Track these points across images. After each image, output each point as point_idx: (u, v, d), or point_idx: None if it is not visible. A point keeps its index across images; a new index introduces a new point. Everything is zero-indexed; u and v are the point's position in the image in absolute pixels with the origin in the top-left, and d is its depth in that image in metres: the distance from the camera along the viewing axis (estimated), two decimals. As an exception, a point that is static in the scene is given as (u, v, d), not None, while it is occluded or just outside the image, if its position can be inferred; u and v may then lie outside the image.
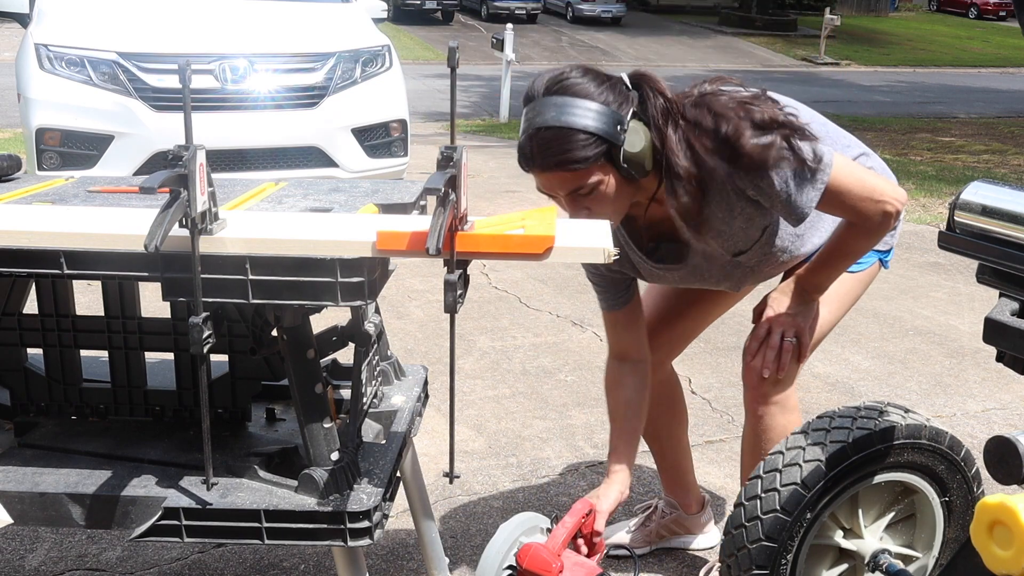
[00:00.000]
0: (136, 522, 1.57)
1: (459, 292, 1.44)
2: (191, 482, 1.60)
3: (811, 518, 1.70)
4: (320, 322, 1.71)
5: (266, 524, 1.53)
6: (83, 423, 1.83)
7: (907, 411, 1.78)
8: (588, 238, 1.53)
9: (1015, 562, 1.16)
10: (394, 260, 1.56)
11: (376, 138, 5.40)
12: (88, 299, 3.62)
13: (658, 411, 2.31)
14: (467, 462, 2.90)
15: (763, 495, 1.71)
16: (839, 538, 1.79)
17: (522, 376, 3.58)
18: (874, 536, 1.81)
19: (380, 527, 1.57)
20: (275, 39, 5.32)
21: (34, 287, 1.79)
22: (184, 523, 1.53)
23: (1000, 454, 1.28)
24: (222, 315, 1.64)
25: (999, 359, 1.51)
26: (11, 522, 1.58)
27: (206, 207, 1.41)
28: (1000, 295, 1.48)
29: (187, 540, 1.54)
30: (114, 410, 1.83)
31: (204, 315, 1.41)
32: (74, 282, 1.68)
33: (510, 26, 11.63)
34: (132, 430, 1.80)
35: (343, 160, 5.26)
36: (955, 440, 1.79)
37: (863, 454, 1.70)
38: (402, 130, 5.51)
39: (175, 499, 1.55)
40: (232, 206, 1.73)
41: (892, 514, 1.83)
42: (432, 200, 1.40)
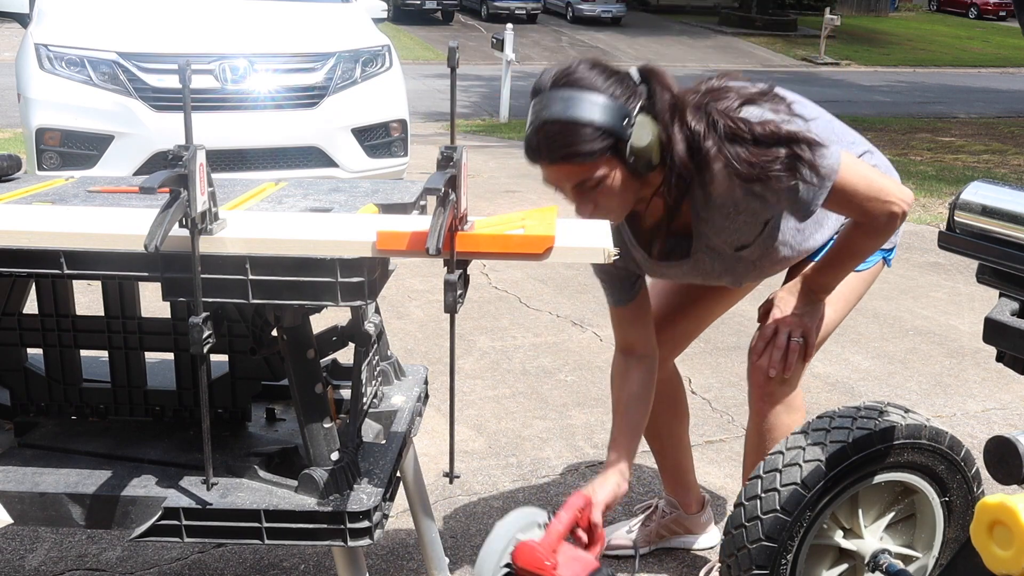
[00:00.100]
0: (136, 522, 1.57)
1: (459, 292, 1.44)
2: (191, 482, 1.60)
3: (811, 518, 1.70)
4: (320, 322, 1.71)
5: (266, 524, 1.53)
6: (83, 423, 1.83)
7: (907, 411, 1.78)
8: (588, 238, 1.53)
9: (1015, 562, 1.16)
10: (394, 260, 1.56)
11: (376, 138, 5.40)
12: (88, 299, 3.62)
13: (660, 409, 2.31)
14: (467, 462, 2.90)
15: (763, 495, 1.71)
16: (839, 538, 1.79)
17: (522, 376, 3.58)
18: (874, 536, 1.81)
19: (380, 527, 1.57)
20: (275, 39, 5.32)
21: (34, 287, 1.79)
22: (184, 523, 1.53)
23: (1000, 454, 1.28)
24: (222, 315, 1.64)
25: (999, 359, 1.51)
26: (11, 522, 1.58)
27: (206, 207, 1.41)
28: (1000, 295, 1.48)
29: (187, 540, 1.54)
30: (114, 410, 1.83)
31: (204, 315, 1.41)
32: (74, 282, 1.68)
33: (510, 26, 11.64)
34: (132, 430, 1.80)
35: (343, 160, 5.26)
36: (955, 440, 1.79)
37: (863, 454, 1.70)
38: (402, 130, 5.51)
39: (175, 499, 1.55)
40: (232, 206, 1.73)
41: (892, 514, 1.83)
42: (432, 200, 1.40)
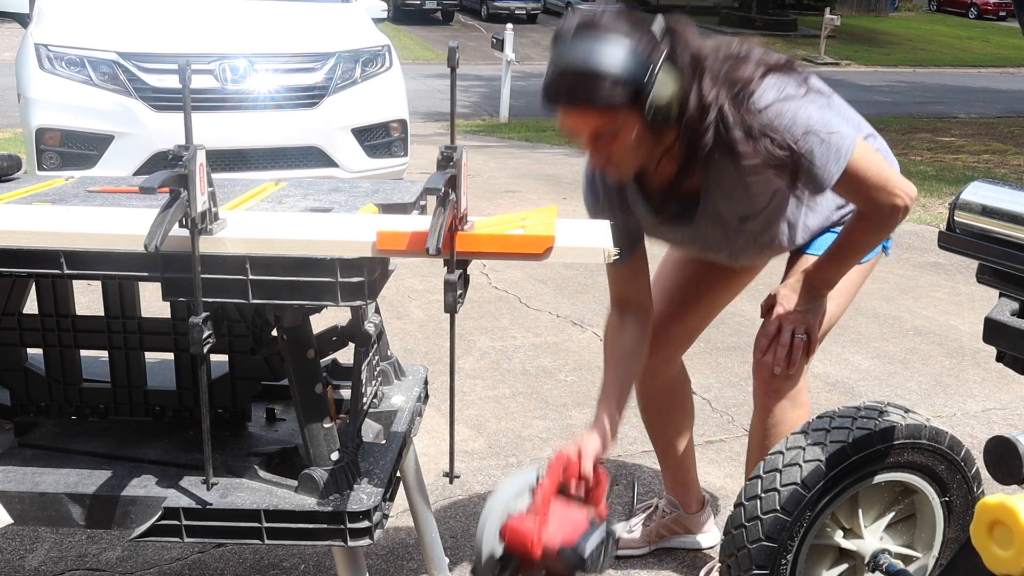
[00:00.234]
0: (136, 522, 1.57)
1: (459, 292, 1.44)
2: (191, 482, 1.60)
3: (811, 518, 1.70)
4: (320, 322, 1.71)
5: (266, 524, 1.53)
6: (83, 423, 1.83)
7: (907, 411, 1.78)
8: (588, 238, 1.53)
9: (1015, 562, 1.16)
10: (394, 260, 1.56)
11: (376, 138, 5.40)
12: (88, 299, 3.61)
13: (666, 407, 2.31)
14: (467, 462, 2.90)
15: (763, 495, 1.71)
16: (839, 538, 1.79)
17: (522, 376, 3.58)
18: (874, 536, 1.81)
19: (380, 527, 1.57)
20: (275, 39, 5.32)
21: (34, 287, 1.79)
22: (184, 523, 1.53)
23: (1000, 454, 1.28)
24: (222, 315, 1.64)
25: (999, 359, 1.51)
26: (11, 522, 1.58)
27: (206, 207, 1.41)
28: (1000, 295, 1.48)
29: (187, 540, 1.54)
30: (114, 410, 1.83)
31: (204, 315, 1.41)
32: (74, 282, 1.68)
33: (510, 26, 11.64)
34: (132, 430, 1.80)
35: (343, 160, 5.26)
36: (955, 440, 1.79)
37: (863, 454, 1.70)
38: (402, 130, 5.51)
39: (175, 499, 1.55)
40: (232, 206, 1.73)
41: (892, 514, 1.83)
42: (432, 200, 1.40)
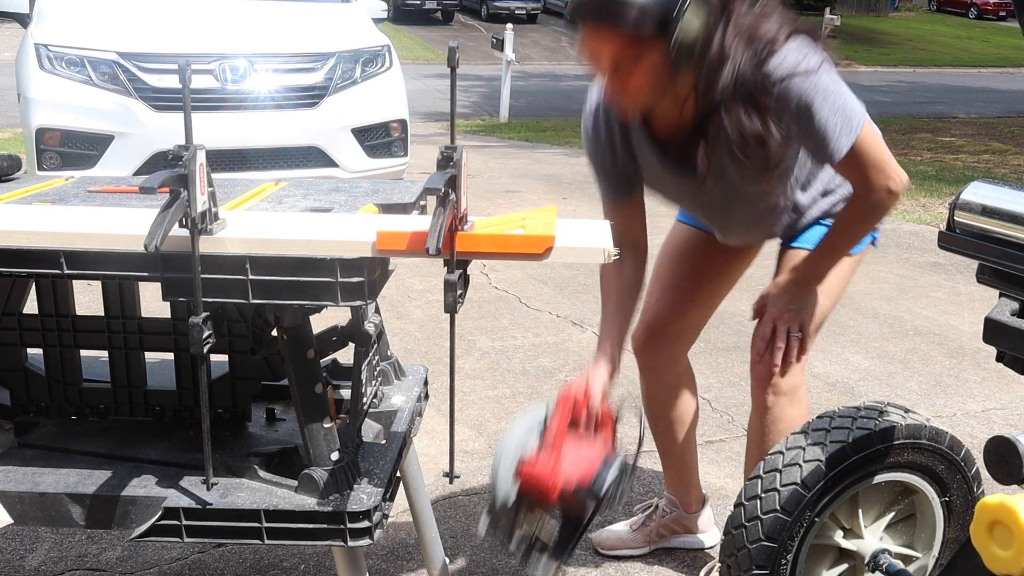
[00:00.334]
0: (136, 522, 1.57)
1: (459, 292, 1.44)
2: (191, 482, 1.60)
3: (811, 518, 1.70)
4: (320, 322, 1.71)
5: (266, 524, 1.53)
6: (83, 423, 1.83)
7: (907, 411, 1.78)
8: (588, 238, 1.53)
9: (1015, 562, 1.16)
10: (394, 260, 1.56)
11: (376, 138, 5.40)
12: (88, 299, 3.61)
13: (671, 405, 2.31)
14: (467, 462, 2.90)
15: (763, 495, 1.71)
16: (839, 538, 1.79)
17: (522, 376, 3.58)
18: (874, 536, 1.81)
19: (380, 527, 1.57)
20: (275, 39, 5.32)
21: (34, 287, 1.79)
22: (184, 523, 1.53)
23: (1000, 454, 1.28)
24: (222, 315, 1.64)
25: (999, 359, 1.51)
26: (11, 522, 1.58)
27: (206, 207, 1.41)
28: (1000, 295, 1.48)
29: (187, 540, 1.54)
30: (114, 410, 1.83)
31: (204, 315, 1.41)
32: (74, 282, 1.68)
33: (510, 26, 11.65)
34: (132, 430, 1.80)
35: (343, 160, 5.26)
36: (955, 440, 1.79)
37: (863, 454, 1.70)
38: (402, 130, 5.51)
39: (175, 499, 1.55)
40: (232, 206, 1.73)
41: (892, 514, 1.83)
42: (432, 200, 1.40)
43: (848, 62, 23.93)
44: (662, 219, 2.22)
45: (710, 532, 2.47)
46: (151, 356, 1.85)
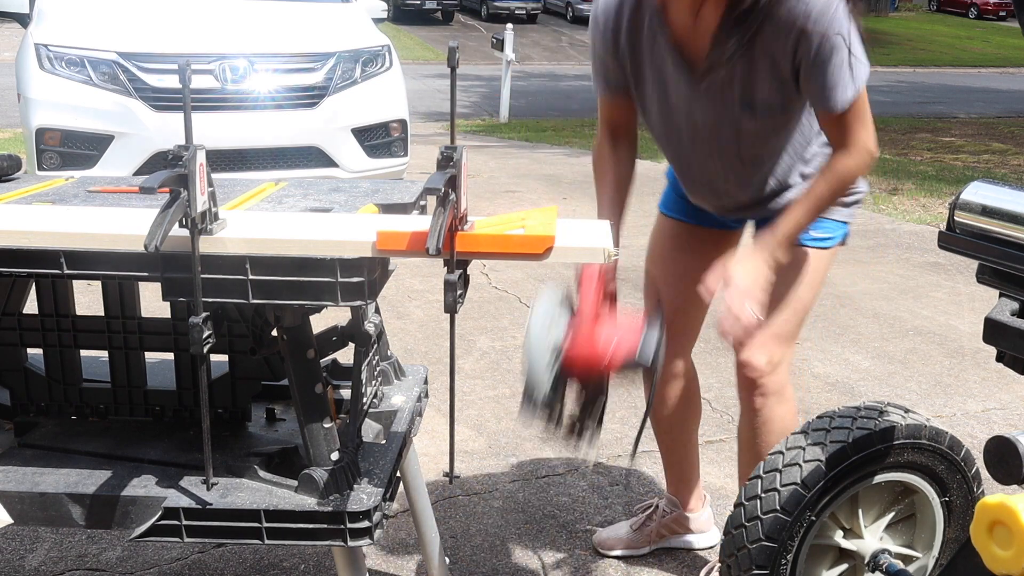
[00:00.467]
0: (136, 522, 1.57)
1: (459, 292, 1.44)
2: (191, 482, 1.60)
3: (811, 518, 1.70)
4: (320, 322, 1.71)
5: (266, 524, 1.53)
6: (83, 423, 1.83)
7: (907, 411, 1.78)
8: (588, 238, 1.53)
9: (1015, 562, 1.16)
10: (394, 260, 1.56)
11: (376, 138, 5.41)
12: (88, 299, 3.61)
13: (674, 405, 2.30)
14: (467, 462, 2.90)
15: (763, 495, 1.71)
16: (839, 538, 1.79)
17: (522, 376, 3.58)
18: (874, 536, 1.81)
19: (380, 527, 1.57)
20: (275, 39, 5.32)
21: (34, 287, 1.79)
22: (184, 523, 1.53)
23: (1000, 454, 1.28)
24: (222, 315, 1.64)
25: (999, 359, 1.51)
26: (11, 522, 1.58)
27: (206, 207, 1.41)
28: (1000, 295, 1.48)
29: (187, 540, 1.54)
30: (114, 410, 1.83)
31: (204, 315, 1.41)
32: (74, 282, 1.68)
33: (510, 26, 11.65)
34: (132, 430, 1.80)
35: (343, 160, 5.26)
36: (955, 440, 1.79)
37: (863, 454, 1.70)
38: (402, 130, 5.51)
39: (175, 499, 1.55)
40: (232, 206, 1.73)
41: (892, 514, 1.83)
42: (432, 200, 1.40)
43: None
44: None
45: (710, 532, 2.47)
46: (151, 356, 1.85)
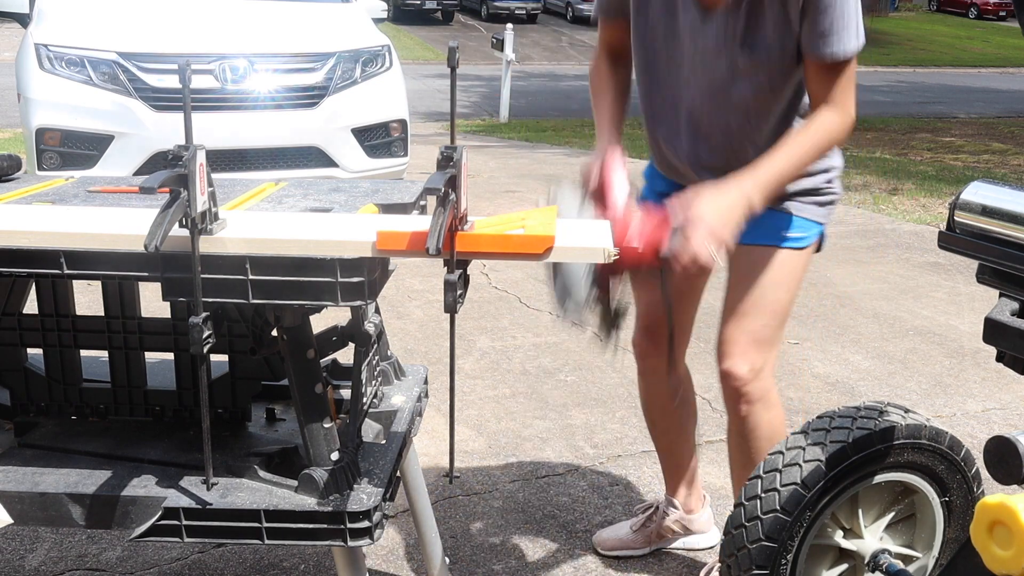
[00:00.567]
0: (136, 522, 1.57)
1: (459, 292, 1.44)
2: (191, 482, 1.60)
3: (811, 518, 1.70)
4: (320, 322, 1.71)
5: (266, 524, 1.53)
6: (83, 423, 1.83)
7: (907, 411, 1.78)
8: (588, 238, 1.53)
9: (1015, 562, 1.16)
10: (394, 260, 1.56)
11: (376, 138, 5.41)
12: (88, 299, 3.62)
13: (671, 408, 2.31)
14: (467, 462, 2.90)
15: (763, 495, 1.71)
16: (839, 538, 1.79)
17: (522, 376, 3.58)
18: (874, 536, 1.81)
19: (380, 527, 1.57)
20: (275, 39, 5.32)
21: (34, 287, 1.79)
22: (184, 523, 1.53)
23: (1000, 454, 1.28)
24: (222, 315, 1.64)
25: (999, 359, 1.51)
26: (11, 522, 1.58)
27: (206, 207, 1.41)
28: (1000, 295, 1.48)
29: (187, 540, 1.54)
30: (114, 410, 1.83)
31: (204, 315, 1.41)
32: (74, 282, 1.68)
33: (510, 26, 11.66)
34: (132, 430, 1.80)
35: (343, 160, 5.26)
36: (955, 440, 1.79)
37: (863, 454, 1.70)
38: (402, 130, 5.51)
39: (175, 499, 1.55)
40: (232, 206, 1.73)
41: (892, 514, 1.83)
42: (432, 200, 1.40)
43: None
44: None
45: (710, 532, 2.47)
46: (151, 356, 1.85)
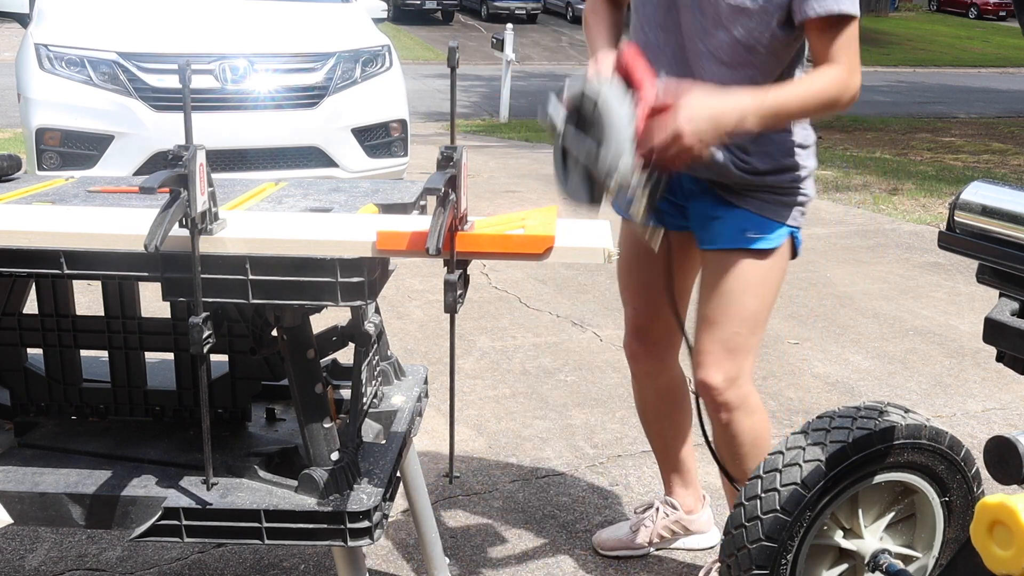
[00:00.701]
0: (136, 522, 1.57)
1: (459, 292, 1.44)
2: (191, 482, 1.60)
3: (811, 518, 1.70)
4: (320, 322, 1.71)
5: (266, 524, 1.53)
6: (83, 423, 1.83)
7: (907, 411, 1.78)
8: (588, 238, 1.53)
9: (1015, 562, 1.16)
10: (394, 260, 1.57)
11: (376, 138, 5.41)
12: (88, 299, 3.62)
13: (665, 410, 2.31)
14: (467, 462, 2.90)
15: (763, 495, 1.71)
16: (839, 538, 1.79)
17: (522, 376, 3.58)
18: (874, 536, 1.81)
19: (380, 527, 1.57)
20: (275, 39, 5.32)
21: (34, 287, 1.79)
22: (184, 523, 1.53)
23: (1000, 454, 1.28)
24: (222, 315, 1.64)
25: (999, 359, 1.51)
26: (11, 522, 1.58)
27: (206, 207, 1.41)
28: (1000, 295, 1.48)
29: (187, 540, 1.54)
30: (114, 410, 1.83)
31: (204, 315, 1.41)
32: (74, 282, 1.68)
33: (510, 26, 11.65)
34: (132, 430, 1.80)
35: (343, 160, 5.26)
36: (955, 440, 1.79)
37: (863, 454, 1.70)
38: (402, 130, 5.51)
39: (175, 499, 1.55)
40: (232, 206, 1.73)
41: (892, 514, 1.83)
42: (432, 200, 1.40)
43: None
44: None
45: (710, 532, 2.47)
46: (151, 356, 1.85)
